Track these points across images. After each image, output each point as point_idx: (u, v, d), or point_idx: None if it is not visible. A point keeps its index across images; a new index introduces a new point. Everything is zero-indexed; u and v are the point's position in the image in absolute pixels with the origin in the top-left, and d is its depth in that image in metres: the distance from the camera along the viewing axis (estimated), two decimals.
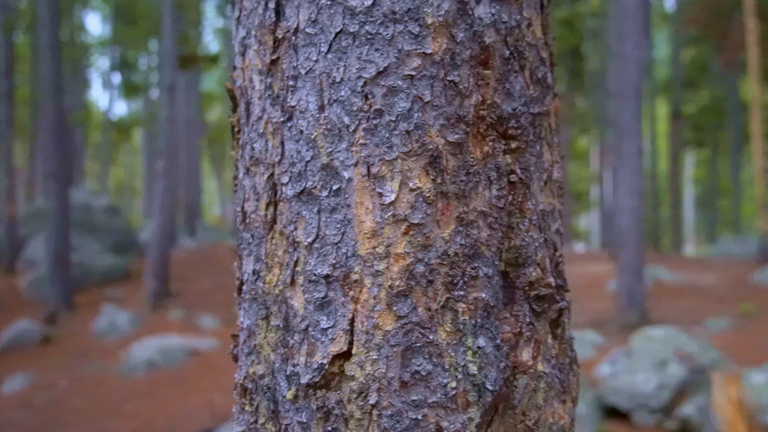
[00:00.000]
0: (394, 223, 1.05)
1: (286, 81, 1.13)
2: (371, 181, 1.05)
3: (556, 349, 1.17)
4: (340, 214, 1.07)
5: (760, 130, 17.05)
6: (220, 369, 10.75)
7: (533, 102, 1.15)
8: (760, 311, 12.82)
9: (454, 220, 1.06)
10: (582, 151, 38.10)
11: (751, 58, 17.07)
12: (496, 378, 1.07)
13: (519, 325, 1.11)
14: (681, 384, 8.53)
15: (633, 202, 12.23)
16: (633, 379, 8.76)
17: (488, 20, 1.10)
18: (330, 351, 1.05)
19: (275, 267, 1.13)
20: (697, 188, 42.89)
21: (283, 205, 1.12)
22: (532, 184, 1.14)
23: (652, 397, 8.48)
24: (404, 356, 1.03)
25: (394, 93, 1.05)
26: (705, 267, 18.27)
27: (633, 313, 12.24)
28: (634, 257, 12.27)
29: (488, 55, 1.10)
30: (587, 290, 16.00)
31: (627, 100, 12.42)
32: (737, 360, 10.07)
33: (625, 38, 12.23)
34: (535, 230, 1.14)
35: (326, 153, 1.08)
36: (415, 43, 1.06)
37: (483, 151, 1.09)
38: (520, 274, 1.12)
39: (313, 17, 1.10)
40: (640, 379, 8.73)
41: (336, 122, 1.07)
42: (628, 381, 8.77)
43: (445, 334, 1.05)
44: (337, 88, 1.07)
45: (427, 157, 1.05)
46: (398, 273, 1.04)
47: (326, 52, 1.08)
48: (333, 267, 1.06)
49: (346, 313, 1.05)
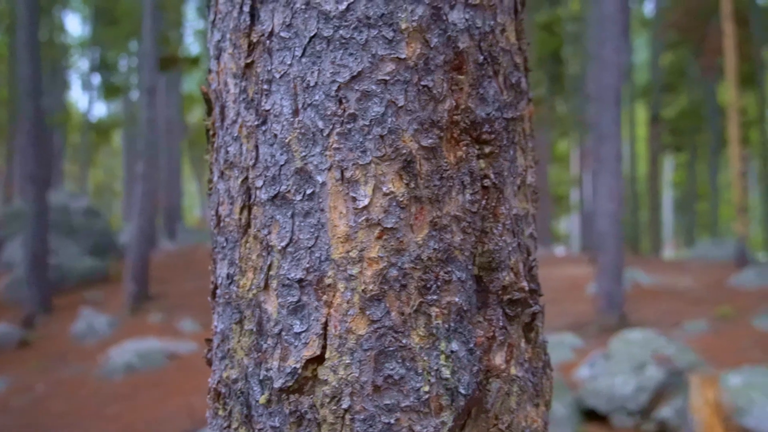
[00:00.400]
0: (368, 227, 1.05)
1: (260, 85, 1.13)
2: (345, 185, 1.06)
3: (529, 352, 1.18)
4: (314, 219, 1.07)
5: (737, 135, 17.22)
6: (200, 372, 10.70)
7: (507, 107, 1.16)
8: (738, 314, 12.93)
9: (428, 225, 1.07)
10: (562, 154, 38.30)
11: (728, 63, 17.23)
12: (469, 382, 1.07)
13: (492, 329, 1.11)
14: (659, 386, 8.59)
15: (612, 205, 12.31)
16: (611, 382, 8.81)
17: (462, 25, 1.10)
18: (303, 355, 1.05)
19: (249, 271, 1.12)
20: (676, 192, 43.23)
21: (257, 209, 1.12)
22: (506, 188, 1.15)
23: (630, 399, 8.53)
24: (377, 360, 1.03)
25: (367, 97, 1.06)
26: (683, 270, 18.42)
27: (612, 316, 12.32)
28: (613, 260, 12.35)
29: (462, 60, 1.11)
30: (567, 293, 16.08)
31: (606, 104, 12.50)
32: (715, 362, 10.15)
33: (604, 43, 12.31)
34: (509, 235, 1.15)
35: (300, 157, 1.08)
36: (389, 48, 1.06)
37: (457, 155, 1.09)
38: (494, 279, 1.12)
39: (287, 21, 1.10)
40: (618, 381, 8.78)
41: (310, 126, 1.07)
42: (606, 383, 8.82)
43: (418, 338, 1.05)
44: (312, 93, 1.08)
45: (401, 161, 1.06)
46: (371, 277, 1.05)
47: (300, 56, 1.09)
48: (306, 271, 1.06)
49: (319, 317, 1.05)
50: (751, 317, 12.61)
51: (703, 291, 15.34)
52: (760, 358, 10.42)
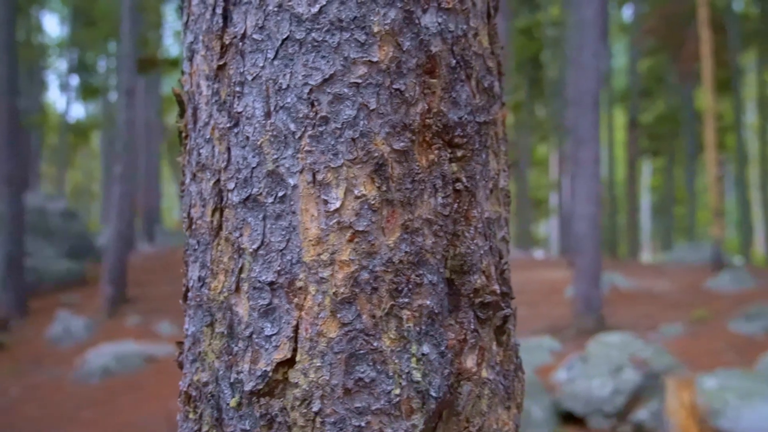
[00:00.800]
0: (339, 230, 1.05)
1: (233, 87, 1.12)
2: (316, 188, 1.06)
3: (500, 355, 1.18)
4: (286, 221, 1.06)
5: (713, 140, 17.38)
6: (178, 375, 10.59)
7: (479, 111, 1.16)
8: (714, 317, 13.05)
9: (399, 228, 1.07)
10: (541, 158, 38.49)
11: (705, 69, 17.40)
12: (440, 385, 1.08)
13: (463, 332, 1.12)
14: (635, 389, 8.65)
15: (590, 209, 12.38)
16: (589, 385, 8.85)
17: (435, 29, 1.11)
18: (274, 358, 1.05)
19: (220, 274, 1.12)
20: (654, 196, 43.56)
21: (229, 212, 1.12)
22: (478, 192, 1.15)
23: (607, 402, 8.58)
24: (348, 363, 1.03)
25: (339, 100, 1.06)
26: (660, 273, 18.56)
27: (590, 319, 12.38)
28: (591, 264, 12.42)
29: (435, 63, 1.11)
30: (546, 296, 16.15)
31: (585, 108, 12.58)
32: (690, 365, 10.24)
33: (582, 48, 12.39)
34: (481, 238, 1.15)
35: (272, 159, 1.08)
36: (361, 51, 1.06)
37: (429, 159, 1.10)
38: (465, 282, 1.13)
39: (260, 23, 1.10)
40: (595, 384, 8.83)
41: (282, 129, 1.07)
42: (584, 386, 8.87)
43: (389, 341, 1.05)
44: (284, 95, 1.07)
45: (373, 164, 1.06)
46: (343, 280, 1.05)
47: (273, 58, 1.08)
48: (278, 274, 1.06)
49: (290, 320, 1.05)
50: (726, 320, 12.72)
51: (680, 294, 15.46)
52: (735, 361, 10.52)
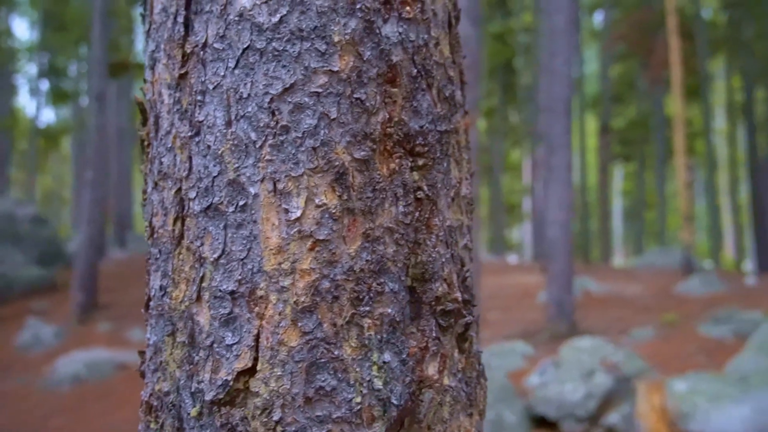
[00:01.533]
0: (300, 239, 1.05)
1: (194, 96, 1.12)
2: (277, 197, 1.06)
3: (462, 363, 1.19)
4: (246, 230, 1.07)
5: (682, 145, 17.59)
6: None
7: (441, 120, 1.17)
8: (684, 321, 13.19)
9: (361, 236, 1.07)
10: (514, 163, 38.71)
11: (674, 76, 17.61)
12: (401, 392, 1.08)
13: (425, 339, 1.12)
14: (607, 393, 8.71)
15: (562, 214, 12.47)
16: (561, 389, 8.91)
17: (395, 39, 1.12)
18: (235, 367, 1.05)
19: (182, 283, 1.12)
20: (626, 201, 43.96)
21: (191, 221, 1.12)
22: (439, 200, 1.16)
23: (579, 406, 8.63)
24: (309, 372, 1.04)
25: (300, 110, 1.06)
26: (631, 278, 18.72)
27: (562, 324, 12.46)
28: (563, 269, 12.50)
29: (395, 73, 1.12)
30: (519, 301, 16.23)
31: (557, 114, 12.67)
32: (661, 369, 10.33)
33: (554, 55, 12.49)
34: (442, 246, 1.16)
35: (233, 168, 1.08)
36: (321, 60, 1.07)
37: (390, 167, 1.10)
38: (427, 290, 1.13)
39: (221, 33, 1.10)
40: (568, 388, 8.89)
41: (243, 138, 1.07)
42: (556, 391, 8.92)
43: (350, 349, 1.06)
44: (244, 104, 1.08)
45: (333, 173, 1.06)
46: (304, 289, 1.05)
47: (234, 67, 1.09)
48: (239, 283, 1.06)
49: (251, 329, 1.05)
50: (696, 324, 12.87)
51: (651, 298, 15.61)
52: (704, 364, 10.64)
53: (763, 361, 9.59)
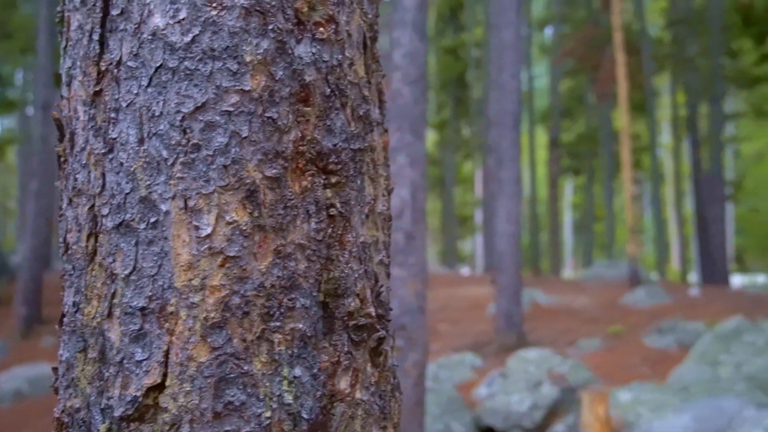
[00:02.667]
0: (210, 255, 1.07)
1: (108, 113, 1.13)
2: (188, 214, 1.07)
3: (375, 377, 1.21)
4: (158, 247, 1.08)
5: (629, 159, 17.94)
6: None
7: (355, 138, 1.20)
8: (629, 332, 13.42)
9: (272, 253, 1.09)
10: (466, 176, 39.04)
11: (621, 91, 17.98)
12: (312, 407, 1.10)
13: (337, 354, 1.14)
14: (553, 404, 8.83)
15: (511, 227, 12.62)
16: (508, 400, 9.00)
17: (309, 59, 1.14)
18: (144, 383, 1.06)
19: (94, 299, 1.12)
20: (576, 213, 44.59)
21: (103, 237, 1.12)
22: (353, 217, 1.19)
23: (525, 416, 8.73)
24: (218, 387, 1.05)
25: (211, 128, 1.08)
26: (580, 290, 18.99)
27: (511, 335, 12.59)
28: (511, 281, 12.64)
29: (309, 92, 1.14)
30: (469, 313, 16.35)
31: (505, 127, 12.85)
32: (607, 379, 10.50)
33: (503, 69, 12.67)
34: (356, 262, 1.18)
35: (145, 186, 1.09)
36: (233, 79, 1.08)
37: (302, 185, 1.12)
38: (339, 305, 1.15)
39: (134, 51, 1.11)
40: (514, 399, 8.98)
41: (155, 155, 1.09)
42: (503, 402, 9.01)
43: (260, 364, 1.07)
44: (157, 122, 1.09)
45: (244, 191, 1.08)
46: (213, 305, 1.06)
47: (147, 85, 1.10)
48: (149, 299, 1.07)
49: (161, 345, 1.06)
50: (641, 335, 13.10)
51: (598, 310, 15.85)
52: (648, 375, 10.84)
53: (704, 371, 9.81)
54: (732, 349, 10.35)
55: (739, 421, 8.21)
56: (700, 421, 8.24)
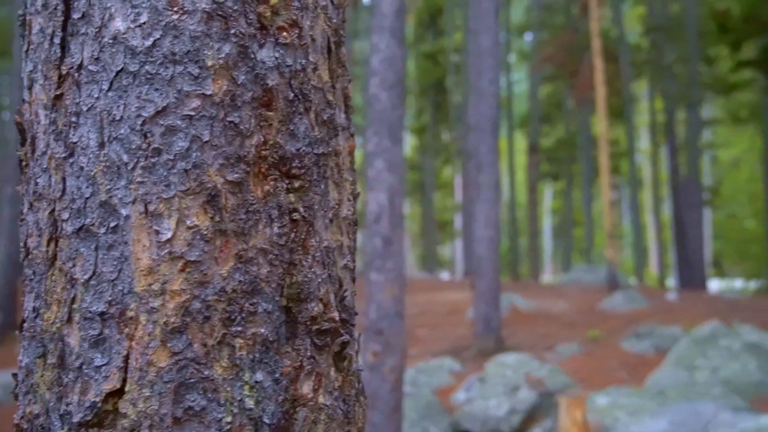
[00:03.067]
0: (171, 260, 1.06)
1: (69, 117, 1.13)
2: (149, 218, 1.07)
3: (339, 381, 1.21)
4: (117, 251, 1.07)
5: (607, 165, 18.06)
6: None
7: (318, 143, 1.20)
8: (607, 336, 13.49)
9: (233, 258, 1.09)
10: (446, 181, 39.13)
11: (599, 97, 18.11)
12: (274, 411, 1.10)
13: (300, 358, 1.14)
14: (530, 408, 8.85)
15: (489, 232, 12.66)
16: (486, 405, 9.02)
17: (271, 63, 1.14)
18: (103, 389, 1.05)
19: (54, 304, 1.12)
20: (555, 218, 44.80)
21: (63, 242, 1.12)
22: (317, 221, 1.18)
23: (503, 421, 8.75)
24: (177, 392, 1.04)
25: (172, 132, 1.07)
26: (558, 294, 19.07)
27: (489, 340, 12.62)
28: (490, 285, 12.67)
29: (272, 97, 1.14)
30: (448, 317, 16.38)
31: (484, 133, 12.89)
32: (584, 383, 10.55)
33: (481, 74, 12.72)
34: (319, 266, 1.18)
35: (105, 190, 1.08)
36: (194, 84, 1.08)
37: (264, 190, 1.12)
38: (302, 309, 1.15)
39: (95, 55, 1.11)
40: (492, 404, 9.00)
41: (115, 160, 1.08)
42: (481, 406, 9.03)
43: (221, 369, 1.07)
44: (117, 126, 1.08)
45: (205, 195, 1.08)
46: (174, 310, 1.06)
47: (107, 90, 1.09)
48: (109, 304, 1.07)
49: (120, 350, 1.06)
50: (619, 339, 13.18)
51: (576, 314, 15.92)
52: (626, 379, 10.90)
53: (681, 375, 9.88)
54: (708, 354, 10.44)
55: (715, 424, 8.28)
56: (676, 425, 8.30)
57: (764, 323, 12.25)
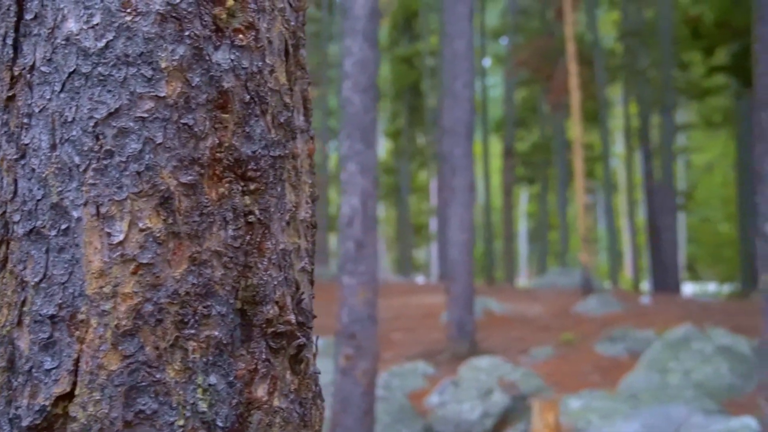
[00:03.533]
0: (123, 263, 1.06)
1: (21, 118, 1.12)
2: (100, 221, 1.06)
3: (295, 384, 1.21)
4: (69, 254, 1.06)
5: (581, 169, 18.20)
6: None
7: (275, 145, 1.20)
8: (581, 340, 13.57)
9: (187, 260, 1.08)
10: (422, 185, 39.20)
11: (573, 101, 18.24)
12: (227, 414, 1.09)
13: (255, 361, 1.14)
14: (503, 412, 8.88)
15: (463, 236, 12.69)
16: (459, 408, 9.04)
17: (227, 66, 1.14)
18: (53, 392, 1.04)
19: (4, 307, 1.11)
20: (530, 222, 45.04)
21: (14, 244, 1.11)
22: (273, 224, 1.18)
23: (476, 424, 8.78)
24: (128, 396, 1.04)
25: (125, 134, 1.07)
26: (533, 298, 19.17)
27: (463, 344, 12.65)
28: (464, 289, 12.71)
29: (227, 99, 1.14)
30: (422, 321, 16.39)
31: (458, 136, 12.93)
32: (557, 387, 10.60)
33: (455, 78, 12.76)
34: (275, 269, 1.18)
35: (57, 192, 1.08)
36: (148, 86, 1.08)
37: (219, 192, 1.12)
38: (258, 312, 1.15)
39: (48, 56, 1.10)
40: (465, 407, 9.02)
41: (67, 162, 1.07)
42: (454, 410, 9.05)
43: (173, 372, 1.06)
44: (69, 128, 1.08)
45: (158, 197, 1.07)
46: (125, 312, 1.05)
47: (60, 91, 1.09)
48: (59, 307, 1.06)
49: (71, 353, 1.05)
50: (593, 343, 13.26)
51: (551, 318, 16.01)
52: (599, 382, 10.97)
53: (653, 378, 9.96)
54: (680, 357, 10.54)
55: (686, 427, 8.36)
56: (648, 428, 8.36)
57: (736, 326, 12.39)
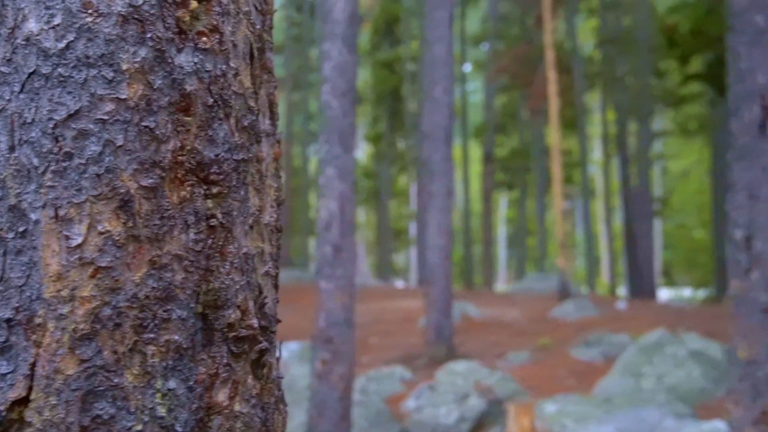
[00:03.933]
0: (81, 266, 1.05)
1: None
2: (59, 223, 1.05)
3: (257, 389, 1.20)
4: (26, 257, 1.05)
5: (559, 174, 18.29)
6: None
7: (238, 149, 1.19)
8: (557, 344, 13.63)
9: (147, 264, 1.08)
10: (402, 189, 39.23)
11: (552, 107, 18.34)
12: (187, 419, 1.08)
13: (216, 366, 1.13)
14: (479, 416, 8.90)
15: (441, 240, 12.72)
16: (436, 413, 9.04)
17: (190, 68, 1.13)
18: (8, 397, 1.03)
19: None
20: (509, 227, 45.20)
21: None
22: (235, 228, 1.18)
23: (452, 429, 8.78)
24: (85, 400, 1.03)
25: (84, 136, 1.06)
26: (511, 303, 19.23)
27: (441, 348, 12.66)
28: (442, 294, 12.73)
29: (190, 102, 1.13)
30: (400, 325, 16.40)
31: (437, 141, 12.96)
32: (534, 391, 10.64)
33: (435, 83, 12.80)
34: (237, 273, 1.17)
35: (14, 194, 1.06)
36: (108, 88, 1.07)
37: (180, 195, 1.11)
38: (219, 316, 1.14)
39: (8, 56, 1.09)
40: (442, 412, 9.03)
41: (25, 163, 1.06)
42: (431, 414, 9.05)
43: (132, 377, 1.05)
44: (28, 129, 1.07)
45: (118, 200, 1.06)
46: (83, 316, 1.04)
47: (19, 92, 1.08)
48: (16, 310, 1.05)
49: (27, 357, 1.04)
50: (569, 347, 13.33)
51: (528, 323, 16.07)
52: (575, 386, 11.02)
53: (628, 383, 10.02)
54: (654, 361, 10.61)
55: (660, 431, 8.41)
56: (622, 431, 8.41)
57: (709, 331, 12.49)
